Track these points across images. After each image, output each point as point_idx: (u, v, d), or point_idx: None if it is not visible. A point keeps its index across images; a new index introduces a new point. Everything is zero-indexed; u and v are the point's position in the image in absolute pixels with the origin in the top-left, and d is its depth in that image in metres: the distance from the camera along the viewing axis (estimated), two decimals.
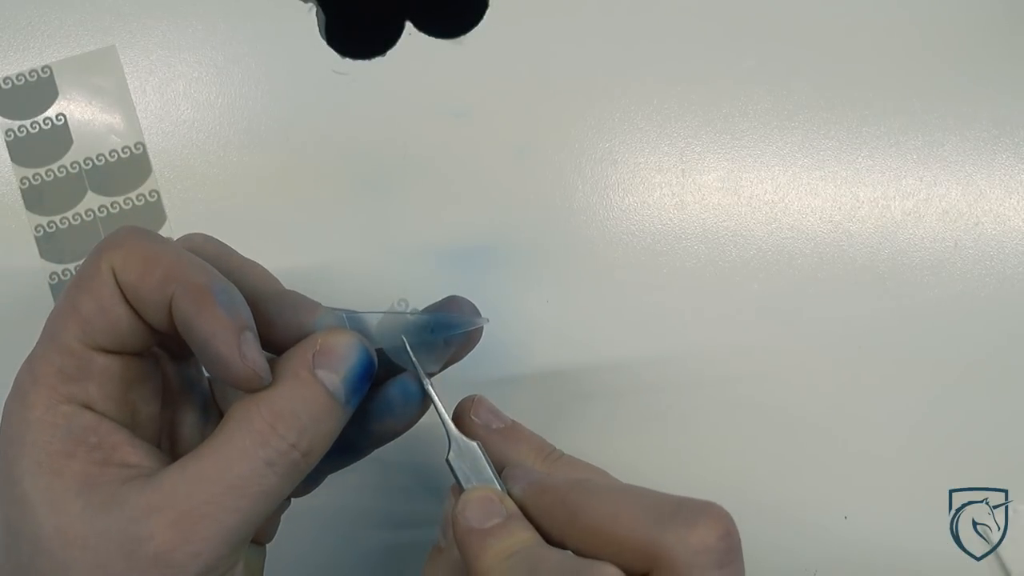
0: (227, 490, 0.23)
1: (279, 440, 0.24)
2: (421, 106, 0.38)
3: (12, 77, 0.38)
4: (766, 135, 0.39)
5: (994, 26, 0.39)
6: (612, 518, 0.24)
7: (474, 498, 0.25)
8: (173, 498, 0.23)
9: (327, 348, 0.25)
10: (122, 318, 0.24)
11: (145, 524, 0.23)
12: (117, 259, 0.24)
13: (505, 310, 0.37)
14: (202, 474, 0.23)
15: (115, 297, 0.24)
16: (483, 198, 0.38)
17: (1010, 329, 0.39)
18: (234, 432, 0.24)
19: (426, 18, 0.38)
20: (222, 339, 0.23)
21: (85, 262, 0.25)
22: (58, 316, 0.25)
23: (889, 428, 0.38)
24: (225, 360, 0.24)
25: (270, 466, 0.24)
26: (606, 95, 0.39)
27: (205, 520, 0.23)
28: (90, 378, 0.24)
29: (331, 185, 0.38)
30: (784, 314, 0.38)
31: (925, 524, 0.38)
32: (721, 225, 0.39)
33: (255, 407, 0.24)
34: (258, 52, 0.38)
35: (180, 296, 0.24)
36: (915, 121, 0.39)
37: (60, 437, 0.23)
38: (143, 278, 0.24)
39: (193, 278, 0.24)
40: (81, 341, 0.24)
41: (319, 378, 0.25)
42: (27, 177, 0.37)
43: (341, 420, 0.26)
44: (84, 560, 0.22)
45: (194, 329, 0.23)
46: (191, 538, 0.23)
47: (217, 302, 0.24)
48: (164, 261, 0.24)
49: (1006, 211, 0.39)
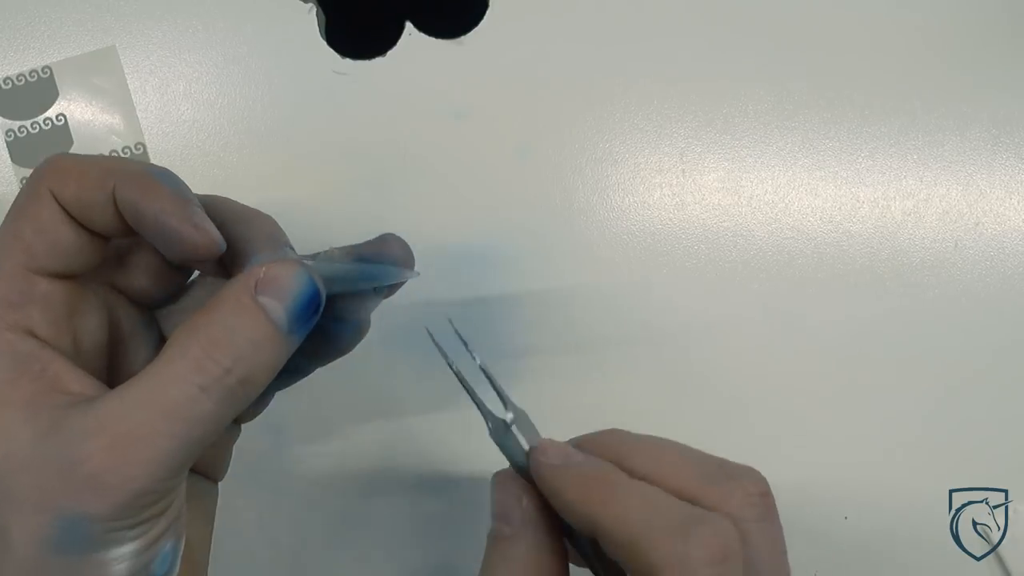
0: (161, 415, 0.23)
1: (214, 365, 0.23)
2: (421, 106, 0.38)
3: (12, 77, 0.38)
4: (766, 135, 0.39)
5: (994, 26, 0.39)
6: (659, 467, 0.25)
7: (547, 444, 0.26)
8: (109, 421, 0.23)
9: (272, 276, 0.25)
10: (64, 236, 0.25)
11: (82, 446, 0.23)
12: (53, 178, 0.25)
13: (505, 310, 0.37)
14: (138, 398, 0.23)
15: (56, 216, 0.24)
16: (483, 198, 0.38)
17: (1010, 329, 0.39)
18: (171, 358, 0.24)
19: (426, 18, 0.38)
20: (171, 212, 0.24)
21: (20, 193, 0.25)
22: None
23: (889, 428, 0.38)
24: (178, 232, 0.24)
25: (204, 391, 0.23)
26: (606, 95, 0.39)
27: (139, 444, 0.23)
28: (32, 303, 0.24)
29: (331, 185, 0.38)
30: (784, 314, 0.38)
31: (925, 524, 0.38)
32: (721, 225, 0.39)
33: (193, 332, 0.24)
34: (258, 52, 0.38)
35: (122, 185, 0.24)
36: (915, 121, 0.39)
37: (4, 365, 0.23)
38: (81, 184, 0.24)
39: (131, 168, 0.25)
40: (24, 266, 0.24)
41: (261, 304, 0.24)
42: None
43: (285, 351, 0.25)
44: (26, 483, 0.23)
45: (141, 211, 0.24)
46: (126, 461, 0.23)
47: (160, 182, 0.24)
48: (99, 164, 0.25)
49: (1006, 211, 0.39)
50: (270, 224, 0.28)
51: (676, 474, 0.25)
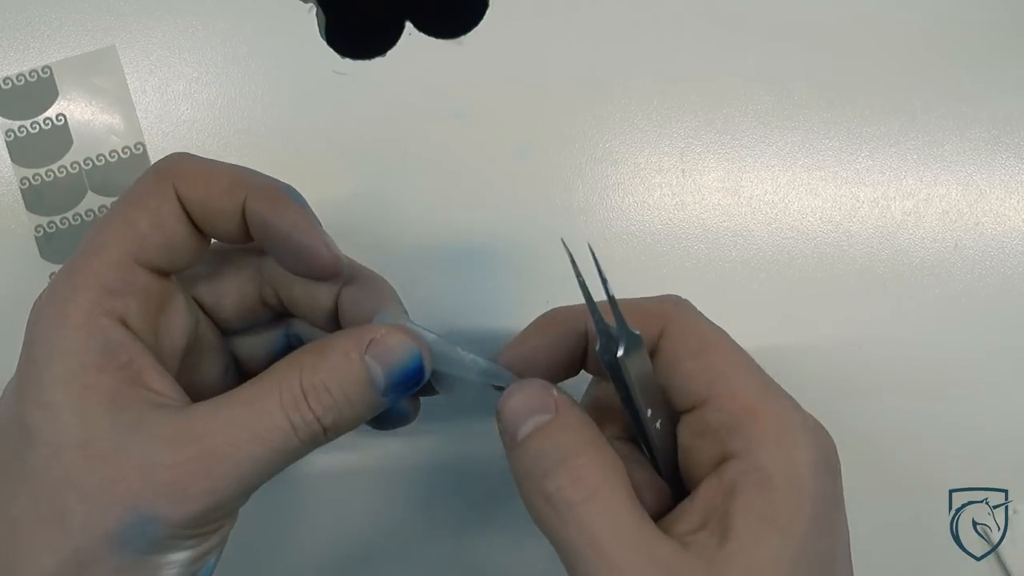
0: (252, 438, 0.24)
1: (308, 410, 0.24)
2: (421, 106, 0.38)
3: (12, 77, 0.38)
4: (766, 135, 0.39)
5: (994, 26, 0.39)
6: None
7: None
8: (201, 433, 0.23)
9: (385, 341, 0.26)
10: (179, 234, 0.25)
11: (169, 451, 0.23)
12: (179, 176, 0.25)
13: (505, 310, 0.37)
14: (232, 418, 0.24)
15: (176, 213, 0.25)
16: (483, 198, 0.38)
17: (1010, 329, 0.39)
18: (271, 386, 0.24)
19: (426, 18, 0.38)
20: (304, 230, 0.25)
21: (140, 182, 0.25)
22: (107, 229, 0.25)
23: (889, 428, 0.38)
24: (310, 249, 0.25)
25: (295, 429, 0.24)
26: (606, 95, 0.39)
27: (226, 461, 0.23)
28: (132, 293, 0.25)
29: (331, 185, 0.38)
30: (784, 314, 0.38)
31: (925, 524, 0.38)
32: (721, 225, 0.39)
33: (296, 369, 0.25)
34: (258, 52, 0.38)
35: (254, 198, 0.25)
36: (915, 121, 0.39)
37: (95, 349, 0.24)
38: (209, 189, 0.25)
39: (262, 183, 0.25)
40: (132, 256, 0.25)
41: (367, 364, 0.25)
42: (27, 177, 0.37)
43: (374, 410, 0.26)
44: (102, 473, 0.23)
45: (272, 224, 0.25)
46: (209, 474, 0.23)
47: (291, 199, 0.25)
48: (227, 172, 0.26)
49: (1006, 211, 0.39)
50: (391, 293, 0.29)
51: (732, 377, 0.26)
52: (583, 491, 0.24)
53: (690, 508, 0.25)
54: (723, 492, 0.24)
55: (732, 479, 0.24)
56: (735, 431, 0.25)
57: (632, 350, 0.26)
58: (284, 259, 0.26)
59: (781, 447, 0.24)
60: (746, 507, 0.24)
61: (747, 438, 0.24)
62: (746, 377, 0.26)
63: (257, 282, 0.29)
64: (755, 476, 0.24)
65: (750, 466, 0.24)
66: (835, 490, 0.25)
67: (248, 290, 0.29)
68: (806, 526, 0.23)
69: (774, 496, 0.24)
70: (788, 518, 0.23)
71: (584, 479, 0.24)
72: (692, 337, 0.27)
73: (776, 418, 0.25)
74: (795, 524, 0.23)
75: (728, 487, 0.24)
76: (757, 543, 0.23)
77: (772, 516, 0.23)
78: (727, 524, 0.23)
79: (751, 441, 0.24)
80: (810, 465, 0.24)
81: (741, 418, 0.25)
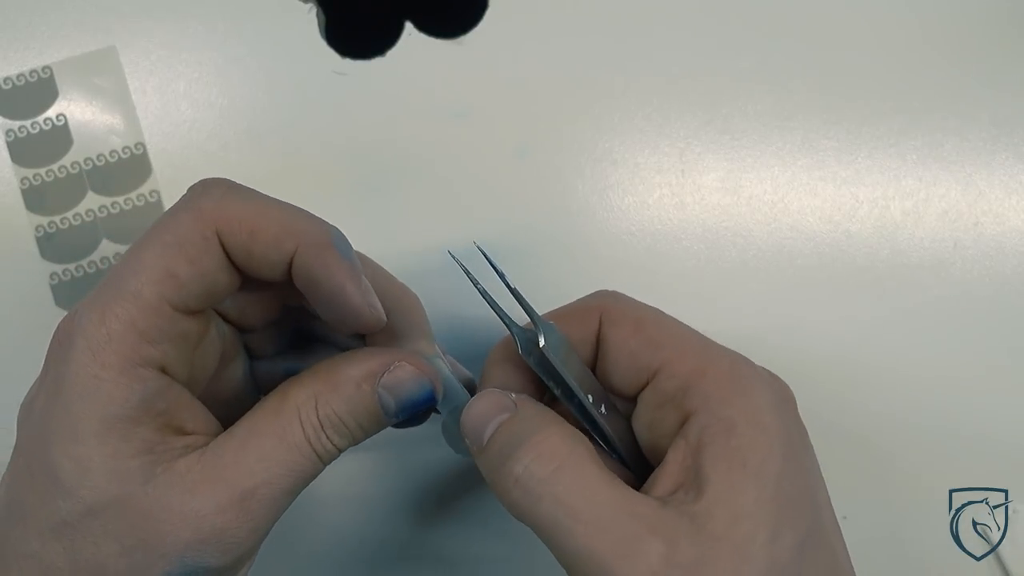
0: (286, 472, 0.24)
1: (326, 440, 0.25)
2: (421, 106, 0.38)
3: (12, 77, 0.38)
4: (766, 135, 0.39)
5: (994, 26, 0.39)
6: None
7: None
8: (235, 473, 0.24)
9: (397, 373, 0.26)
10: (220, 282, 0.25)
11: (209, 499, 0.23)
12: (223, 221, 0.24)
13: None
14: (264, 454, 0.24)
15: (219, 263, 0.24)
16: (483, 198, 0.38)
17: (1010, 329, 0.39)
18: (293, 418, 0.25)
19: (426, 18, 0.38)
20: (351, 291, 0.25)
21: (177, 219, 0.24)
22: (142, 273, 0.23)
23: (889, 428, 0.38)
24: (355, 309, 0.25)
25: (320, 457, 0.25)
26: (606, 95, 0.39)
27: (265, 499, 0.24)
28: (170, 340, 0.24)
29: (331, 185, 0.38)
30: (783, 314, 0.38)
31: (925, 524, 0.38)
32: (721, 225, 0.39)
33: (312, 398, 0.25)
34: (258, 52, 0.38)
35: (305, 252, 0.24)
36: (915, 121, 0.39)
37: (134, 403, 0.23)
38: (255, 237, 0.24)
39: (312, 234, 0.25)
40: (170, 303, 0.24)
41: (379, 395, 0.26)
42: (27, 177, 0.37)
43: (380, 429, 0.27)
44: (144, 530, 0.23)
45: (320, 282, 0.24)
46: (251, 513, 0.23)
47: (340, 254, 0.25)
48: (276, 218, 0.24)
49: (1006, 211, 0.39)
50: (418, 311, 0.29)
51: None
52: (550, 463, 0.24)
53: (662, 474, 0.25)
54: (690, 450, 0.24)
55: (697, 435, 0.24)
56: (690, 391, 0.25)
57: (551, 338, 0.26)
58: (326, 314, 0.26)
59: (738, 394, 0.25)
60: (715, 457, 0.24)
61: (703, 393, 0.25)
62: (688, 341, 0.27)
63: (282, 295, 0.29)
64: (718, 425, 0.24)
65: (711, 417, 0.24)
66: (800, 430, 0.26)
67: (273, 302, 0.29)
68: (779, 465, 0.24)
69: (741, 441, 0.24)
70: (759, 460, 0.23)
71: (549, 452, 0.24)
72: (629, 318, 0.27)
73: (727, 370, 0.25)
74: (767, 465, 0.23)
75: (694, 443, 0.24)
76: (733, 489, 0.23)
77: (743, 460, 0.23)
78: (701, 478, 0.24)
79: (707, 396, 0.25)
80: (771, 407, 0.25)
81: (692, 378, 0.25)
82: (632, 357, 0.27)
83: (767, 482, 0.23)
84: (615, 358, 0.27)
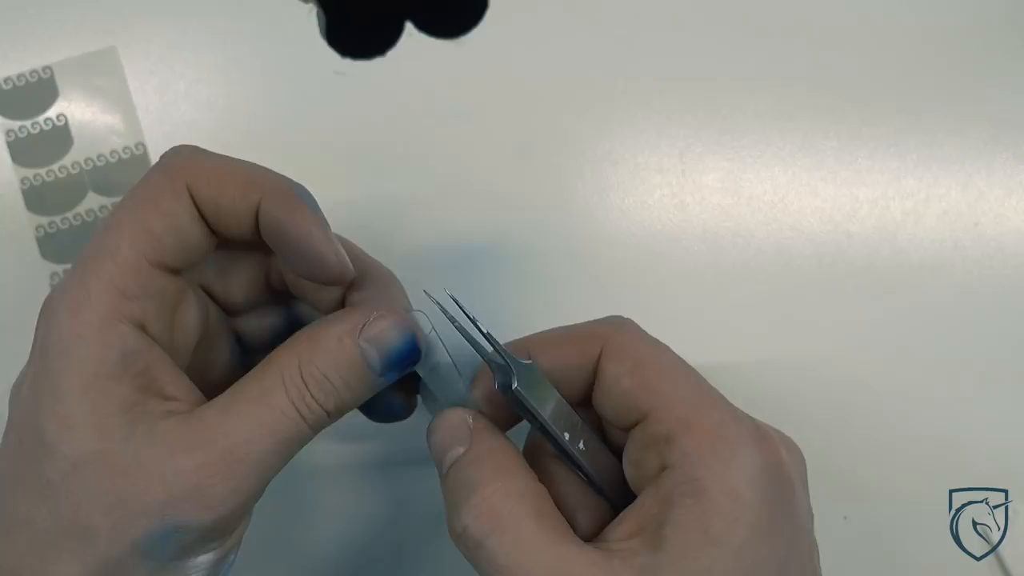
0: (268, 433, 0.24)
1: (312, 399, 0.25)
2: (421, 106, 0.38)
3: (13, 77, 0.38)
4: (766, 135, 0.39)
5: (994, 26, 0.39)
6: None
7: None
8: (217, 435, 0.24)
9: (377, 324, 0.26)
10: (193, 235, 0.25)
11: (189, 457, 0.23)
12: (192, 175, 0.25)
13: (505, 311, 0.37)
14: (245, 416, 0.24)
15: (190, 214, 0.25)
16: (483, 198, 0.38)
17: (1010, 329, 0.39)
18: (275, 380, 0.25)
19: (426, 18, 0.38)
20: (317, 238, 0.25)
21: (149, 180, 0.25)
22: (120, 231, 0.24)
23: (889, 428, 0.38)
24: (322, 257, 0.25)
25: (304, 419, 0.25)
26: (606, 95, 0.39)
27: (247, 458, 0.24)
28: (148, 297, 0.24)
29: (331, 185, 0.38)
30: (783, 314, 0.38)
31: (925, 524, 0.38)
32: (721, 225, 0.39)
33: (295, 358, 0.25)
34: (258, 52, 0.38)
35: (269, 202, 0.25)
36: (915, 121, 0.39)
37: (113, 359, 0.23)
38: (223, 190, 0.25)
39: (276, 184, 0.25)
40: (147, 258, 0.24)
41: (361, 349, 0.25)
42: (28, 177, 0.37)
43: (372, 389, 0.26)
44: (124, 488, 0.23)
45: (287, 231, 0.25)
46: (233, 473, 0.23)
47: (305, 204, 0.25)
48: (241, 172, 0.25)
49: (1006, 211, 0.39)
50: (395, 285, 0.29)
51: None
52: (487, 525, 0.24)
53: (628, 516, 0.25)
54: (659, 502, 0.24)
55: (668, 490, 0.24)
56: (671, 442, 0.25)
57: (527, 378, 0.26)
58: (293, 264, 0.26)
59: (716, 457, 0.24)
60: (680, 518, 0.23)
61: (682, 449, 0.24)
62: (683, 389, 0.26)
63: (264, 269, 0.29)
64: (689, 487, 0.24)
65: (684, 476, 0.24)
66: (782, 498, 0.25)
67: (255, 277, 0.29)
68: (743, 536, 0.23)
69: (708, 507, 0.23)
70: (723, 529, 0.23)
71: (488, 513, 0.24)
72: (628, 355, 0.27)
73: (712, 429, 0.25)
74: (731, 535, 0.23)
75: (664, 498, 0.24)
76: (688, 553, 0.23)
77: (705, 527, 0.23)
78: (661, 534, 0.23)
79: (685, 453, 0.24)
80: (748, 475, 0.24)
81: (676, 429, 0.25)
82: (624, 396, 0.26)
83: (726, 552, 0.23)
84: (608, 393, 0.27)
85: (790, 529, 0.25)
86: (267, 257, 0.29)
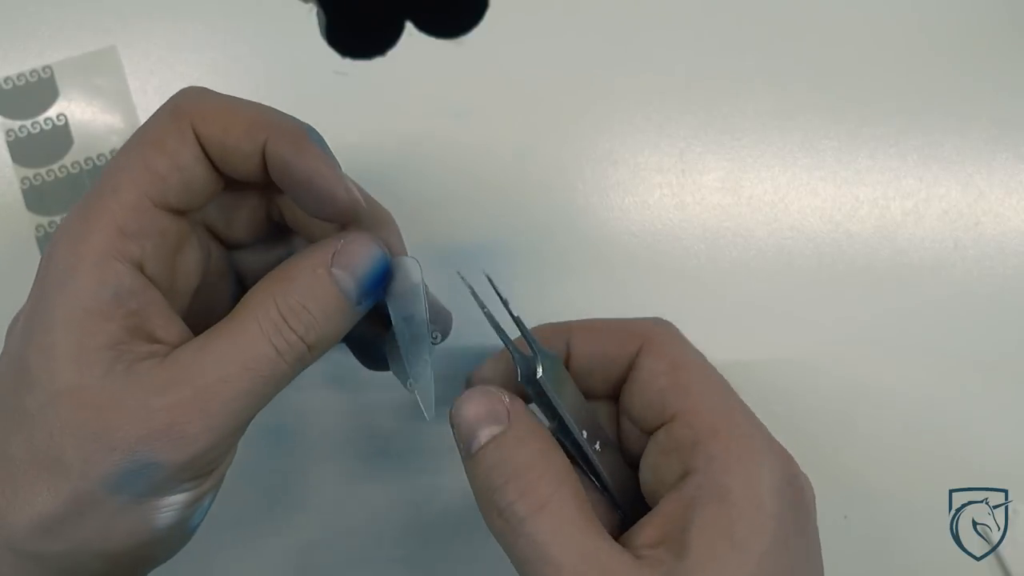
0: (242, 371, 0.24)
1: (289, 332, 0.24)
2: (421, 106, 0.38)
3: (13, 77, 0.38)
4: (766, 135, 0.39)
5: (994, 26, 0.39)
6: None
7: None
8: (191, 374, 0.23)
9: (347, 249, 0.26)
10: (198, 176, 0.25)
11: (163, 396, 0.23)
12: (197, 115, 0.24)
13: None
14: (219, 353, 0.24)
15: (195, 155, 0.25)
16: (483, 198, 0.38)
17: (1010, 329, 0.39)
18: (250, 318, 0.24)
19: (426, 18, 0.38)
20: (326, 174, 0.25)
21: (155, 120, 0.25)
22: (124, 170, 0.24)
23: (889, 428, 0.38)
24: (332, 192, 0.25)
25: (280, 355, 0.24)
26: (606, 95, 0.39)
27: (220, 397, 0.23)
28: (148, 236, 0.24)
29: None
30: (783, 314, 0.38)
31: (925, 524, 0.38)
32: (721, 225, 0.39)
33: (270, 295, 0.25)
34: (258, 52, 0.38)
35: (276, 140, 0.24)
36: (915, 121, 0.39)
37: (105, 296, 0.23)
38: (228, 130, 0.24)
39: (283, 124, 0.25)
40: (150, 198, 0.24)
41: (334, 276, 0.25)
42: (28, 177, 0.37)
43: (351, 321, 0.26)
44: (97, 423, 0.23)
45: (295, 169, 0.24)
46: (206, 412, 0.23)
47: (313, 141, 0.25)
48: (247, 113, 0.25)
49: (1006, 211, 0.39)
50: (392, 225, 0.29)
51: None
52: (533, 504, 0.24)
53: (650, 523, 0.25)
54: (683, 507, 0.24)
55: (692, 494, 0.24)
56: (698, 447, 0.25)
57: (552, 369, 0.26)
58: (303, 202, 0.26)
59: (742, 465, 0.24)
60: (704, 522, 0.24)
61: (709, 454, 0.25)
62: (715, 397, 0.26)
63: (266, 203, 0.29)
64: (715, 491, 0.24)
65: (710, 481, 0.24)
66: (799, 514, 0.25)
67: (258, 212, 0.29)
68: (766, 544, 0.23)
69: (733, 512, 0.23)
70: (747, 535, 0.23)
71: (533, 492, 0.24)
72: (667, 355, 0.27)
73: (740, 437, 0.25)
74: (754, 542, 0.23)
75: (688, 502, 0.24)
76: (714, 559, 0.23)
77: (730, 532, 0.23)
78: (685, 539, 0.23)
79: (712, 458, 0.24)
80: (771, 487, 0.24)
81: (705, 434, 0.25)
82: (658, 394, 0.27)
83: (749, 558, 0.23)
84: (641, 389, 0.27)
85: (804, 545, 0.25)
86: (272, 195, 0.29)
